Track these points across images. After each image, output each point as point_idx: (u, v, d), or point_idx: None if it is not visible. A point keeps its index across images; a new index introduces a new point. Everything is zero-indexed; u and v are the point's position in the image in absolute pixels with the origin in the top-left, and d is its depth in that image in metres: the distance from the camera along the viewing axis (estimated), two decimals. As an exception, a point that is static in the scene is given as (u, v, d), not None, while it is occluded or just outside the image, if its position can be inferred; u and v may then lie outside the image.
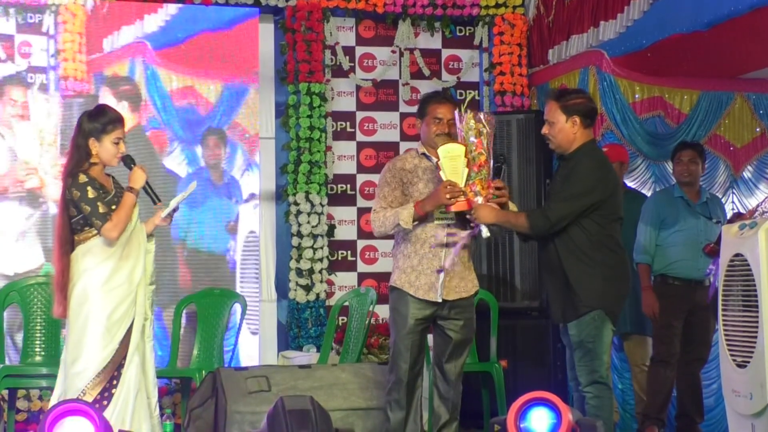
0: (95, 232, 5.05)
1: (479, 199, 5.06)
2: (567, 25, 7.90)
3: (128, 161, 5.20)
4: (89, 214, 5.02)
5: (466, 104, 5.13)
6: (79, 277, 5.04)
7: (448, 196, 5.04)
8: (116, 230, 5.02)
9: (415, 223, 5.19)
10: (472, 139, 5.04)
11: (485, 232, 5.09)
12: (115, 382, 5.02)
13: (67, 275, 5.06)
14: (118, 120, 5.16)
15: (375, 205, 5.36)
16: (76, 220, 5.07)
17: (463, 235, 5.20)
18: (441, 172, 5.09)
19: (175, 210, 5.25)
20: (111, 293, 5.03)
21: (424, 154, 5.34)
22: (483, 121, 5.06)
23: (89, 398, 4.94)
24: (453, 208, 5.08)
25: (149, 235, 5.21)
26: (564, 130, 5.11)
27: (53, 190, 7.47)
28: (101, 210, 5.02)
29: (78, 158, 5.12)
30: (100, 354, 5.01)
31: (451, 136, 5.19)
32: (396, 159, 5.44)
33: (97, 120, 5.12)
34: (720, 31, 6.46)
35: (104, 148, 5.11)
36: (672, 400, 6.85)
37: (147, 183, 5.18)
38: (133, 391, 5.03)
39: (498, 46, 8.40)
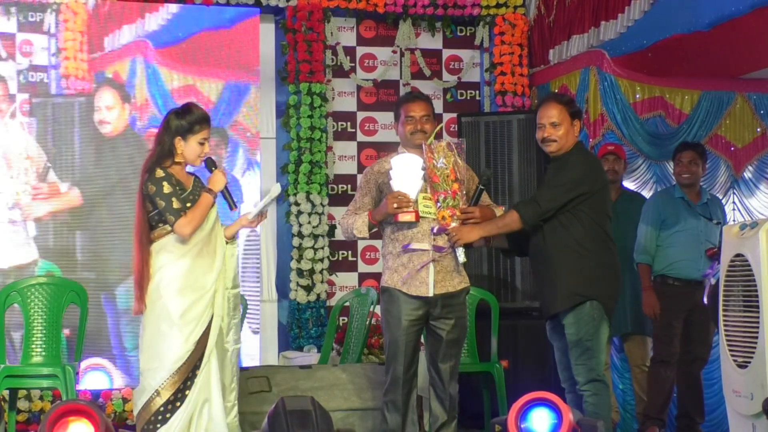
0: (169, 229, 4.93)
1: (454, 224, 5.10)
2: (568, 25, 7.90)
3: (210, 164, 5.11)
4: (163, 209, 4.91)
5: (433, 134, 5.21)
6: (154, 274, 4.93)
7: (395, 205, 5.10)
8: (189, 227, 4.91)
9: (374, 230, 5.29)
10: (441, 163, 5.10)
11: (462, 258, 5.15)
12: (189, 383, 4.88)
13: (147, 271, 4.93)
14: (205, 120, 5.07)
15: (346, 210, 5.43)
16: (152, 216, 4.97)
17: (443, 246, 5.20)
18: (391, 182, 5.15)
19: (263, 214, 5.15)
20: (184, 291, 4.90)
21: (403, 154, 5.36)
22: (454, 149, 5.13)
23: (162, 398, 4.83)
24: (399, 219, 5.13)
25: (232, 238, 5.11)
26: (569, 133, 5.22)
27: (48, 189, 7.54)
28: (175, 205, 4.91)
29: (160, 154, 5.01)
30: (176, 353, 4.86)
31: (427, 133, 5.22)
32: (375, 162, 5.49)
33: (185, 118, 5.02)
34: (720, 32, 6.47)
35: (190, 148, 5.02)
36: (673, 400, 6.86)
37: (226, 188, 5.08)
38: (203, 395, 4.90)
39: (499, 46, 8.40)
